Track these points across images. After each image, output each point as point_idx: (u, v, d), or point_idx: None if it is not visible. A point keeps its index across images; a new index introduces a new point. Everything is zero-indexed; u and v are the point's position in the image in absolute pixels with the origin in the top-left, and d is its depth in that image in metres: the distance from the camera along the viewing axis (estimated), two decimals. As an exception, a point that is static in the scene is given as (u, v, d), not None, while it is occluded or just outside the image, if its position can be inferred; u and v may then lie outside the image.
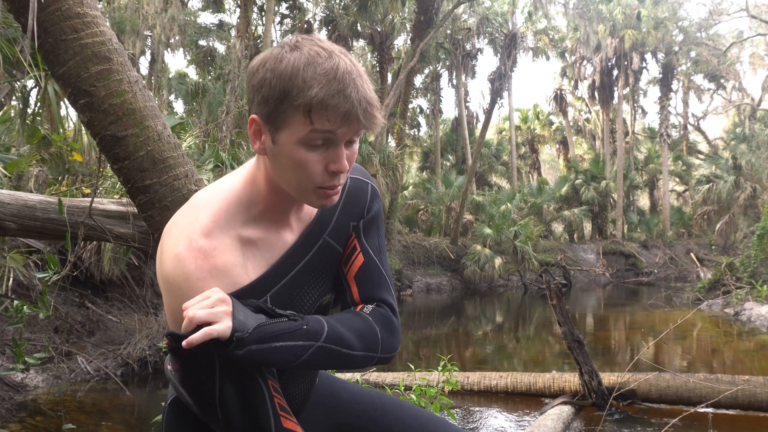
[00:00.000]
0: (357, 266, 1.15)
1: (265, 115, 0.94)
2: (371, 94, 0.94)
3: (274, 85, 0.91)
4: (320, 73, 0.90)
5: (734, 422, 5.38)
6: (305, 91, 0.89)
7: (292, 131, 0.93)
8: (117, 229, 3.50)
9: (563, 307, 5.73)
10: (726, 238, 24.02)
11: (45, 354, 3.73)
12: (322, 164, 0.95)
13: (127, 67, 2.49)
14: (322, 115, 0.90)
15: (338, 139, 0.94)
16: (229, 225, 1.00)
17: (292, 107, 0.91)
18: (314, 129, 0.91)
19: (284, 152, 0.95)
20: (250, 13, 18.01)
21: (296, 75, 0.90)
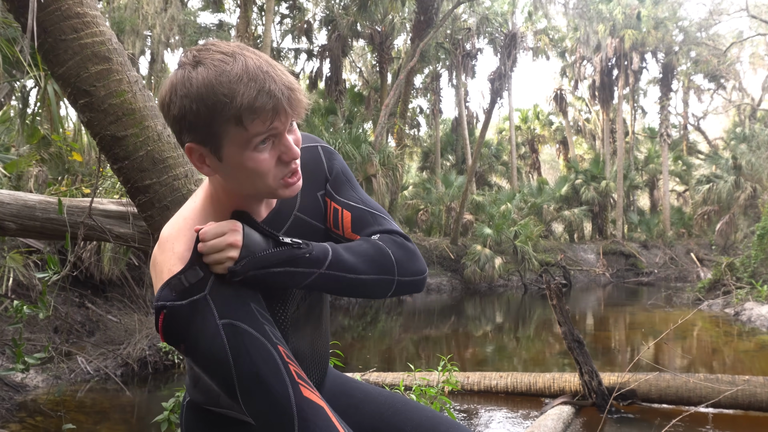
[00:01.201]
0: (348, 221, 1.15)
1: (200, 139, 0.94)
2: (289, 79, 0.94)
3: (196, 110, 0.90)
4: (234, 80, 0.89)
5: (734, 422, 5.38)
6: (229, 104, 0.89)
7: (234, 143, 0.93)
8: (117, 229, 3.49)
9: (563, 307, 5.73)
10: (726, 238, 24.01)
11: (45, 354, 3.73)
12: (274, 159, 0.96)
13: (127, 67, 2.49)
14: (253, 119, 0.90)
15: (279, 132, 0.95)
16: None
17: (223, 122, 0.91)
18: (254, 133, 0.92)
19: (235, 164, 0.95)
20: (250, 13, 18.02)
21: (213, 91, 0.89)
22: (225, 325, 0.93)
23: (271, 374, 0.93)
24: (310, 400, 0.94)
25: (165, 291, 0.95)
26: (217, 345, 0.92)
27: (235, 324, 0.94)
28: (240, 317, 0.94)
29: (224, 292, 0.96)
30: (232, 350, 0.92)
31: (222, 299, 0.95)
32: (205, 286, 0.95)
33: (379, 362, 8.25)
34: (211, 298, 0.94)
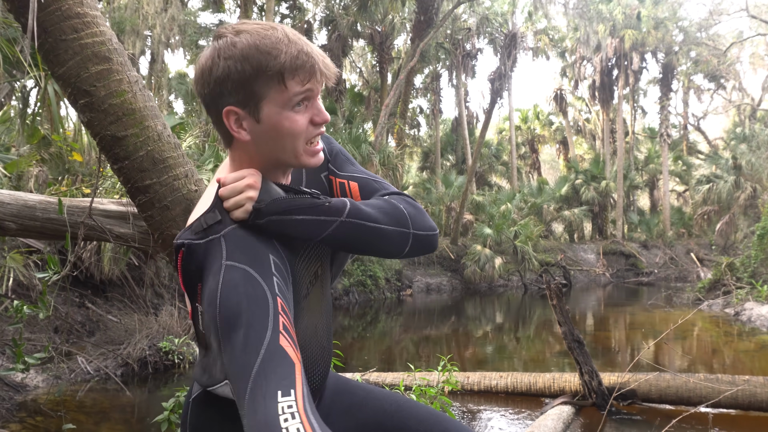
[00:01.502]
0: (356, 190, 1.20)
1: (241, 100, 0.99)
2: (318, 48, 1.02)
3: (240, 69, 0.96)
4: (276, 42, 0.96)
5: (734, 422, 5.38)
6: (273, 60, 0.95)
7: (273, 102, 0.98)
8: (117, 229, 3.49)
9: (563, 307, 5.73)
10: (726, 238, 24.01)
11: (45, 354, 3.73)
12: (306, 121, 1.02)
13: (127, 67, 2.49)
14: (293, 77, 0.97)
15: (314, 95, 1.01)
16: None
17: (266, 80, 0.96)
18: (293, 92, 0.98)
19: (272, 124, 1.00)
20: (250, 13, 18.02)
21: (257, 50, 0.96)
22: (227, 266, 0.95)
23: (257, 315, 0.90)
24: (283, 349, 0.89)
25: (186, 232, 1.01)
26: (213, 284, 0.94)
27: (238, 266, 0.95)
28: (246, 261, 0.95)
29: (240, 237, 0.98)
30: (223, 289, 0.92)
31: (235, 243, 0.97)
32: (222, 229, 0.99)
33: (379, 362, 8.25)
34: (224, 240, 0.97)
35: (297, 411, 0.83)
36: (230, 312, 0.91)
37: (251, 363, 0.86)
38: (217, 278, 0.94)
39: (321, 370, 1.21)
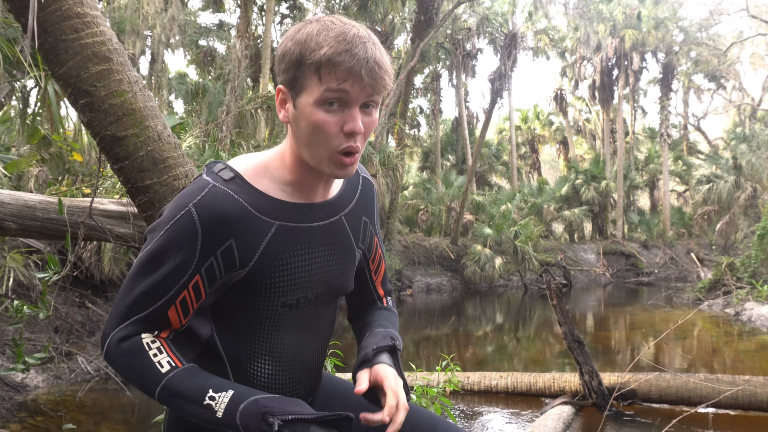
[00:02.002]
0: (381, 273, 1.33)
1: (287, 81, 1.01)
2: (381, 57, 0.99)
3: (292, 51, 0.98)
4: (331, 36, 0.96)
5: (735, 422, 5.38)
6: (316, 51, 0.96)
7: (309, 93, 0.98)
8: (117, 229, 3.49)
9: (563, 307, 5.72)
10: (726, 238, 24.00)
11: (45, 354, 3.73)
12: (338, 126, 0.99)
13: (127, 67, 2.49)
14: (330, 72, 0.96)
15: (351, 100, 0.98)
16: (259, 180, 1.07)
17: (306, 68, 0.97)
18: (326, 88, 0.96)
19: (304, 115, 1.00)
20: (250, 13, 18.01)
21: (311, 39, 0.97)
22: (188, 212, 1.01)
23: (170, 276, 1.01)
24: (167, 317, 1.02)
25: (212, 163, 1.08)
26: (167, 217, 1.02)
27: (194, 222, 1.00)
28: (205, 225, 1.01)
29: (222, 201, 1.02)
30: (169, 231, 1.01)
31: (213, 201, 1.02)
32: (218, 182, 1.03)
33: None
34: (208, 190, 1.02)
35: (162, 346, 1.02)
36: (158, 252, 1.01)
37: (136, 311, 1.01)
38: (176, 212, 1.01)
39: (303, 391, 1.20)
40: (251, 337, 1.10)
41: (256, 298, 1.07)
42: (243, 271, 1.04)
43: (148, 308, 1.01)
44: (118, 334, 1.01)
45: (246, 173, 1.05)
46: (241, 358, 1.11)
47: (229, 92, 13.39)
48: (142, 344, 1.01)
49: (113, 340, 1.01)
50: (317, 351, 1.23)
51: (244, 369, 1.11)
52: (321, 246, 1.12)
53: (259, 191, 1.04)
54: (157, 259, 1.00)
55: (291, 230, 1.07)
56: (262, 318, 1.09)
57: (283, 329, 1.12)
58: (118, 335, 1.01)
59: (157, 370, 0.99)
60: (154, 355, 1.00)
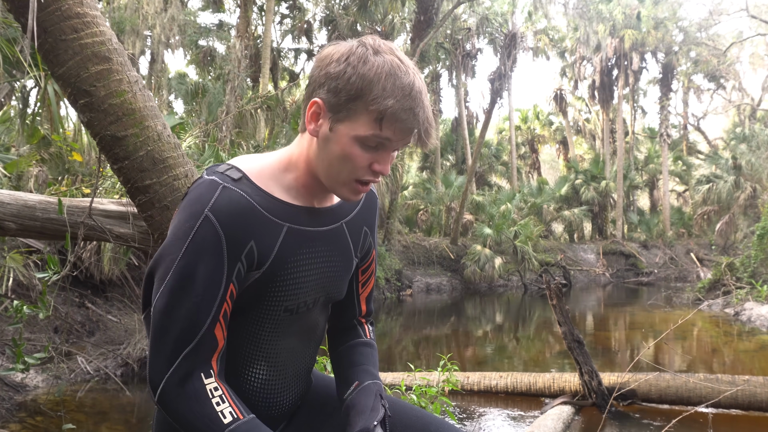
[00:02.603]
0: (369, 289, 1.32)
1: (332, 103, 0.98)
2: (431, 116, 1.01)
3: (353, 82, 0.96)
4: (399, 87, 0.95)
5: (734, 422, 5.38)
6: (382, 99, 0.95)
7: (354, 128, 0.98)
8: (117, 229, 3.49)
9: (563, 307, 5.73)
10: (726, 238, 24.01)
11: (45, 354, 3.73)
12: (368, 162, 1.01)
13: (127, 67, 2.49)
14: (390, 126, 0.97)
15: (391, 146, 1.01)
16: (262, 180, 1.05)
17: (364, 109, 0.96)
18: (378, 135, 0.97)
19: (338, 141, 0.99)
20: (250, 13, 18.01)
21: (377, 81, 0.95)
22: (207, 217, 0.96)
23: (208, 292, 0.97)
24: (215, 336, 0.99)
25: (214, 165, 1.05)
26: (187, 228, 0.97)
27: (216, 228, 0.97)
28: (226, 229, 0.97)
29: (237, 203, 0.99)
30: (193, 242, 0.96)
31: (230, 203, 0.98)
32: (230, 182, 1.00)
33: (379, 362, 8.24)
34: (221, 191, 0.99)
35: (224, 394, 0.98)
36: (188, 272, 0.96)
37: (187, 341, 0.96)
38: (192, 223, 0.96)
39: (291, 397, 1.20)
40: (250, 344, 1.10)
41: (263, 301, 1.06)
42: (258, 272, 1.03)
43: (196, 336, 0.97)
44: (174, 375, 0.96)
45: (251, 173, 1.04)
46: (237, 362, 1.10)
47: (228, 92, 13.39)
48: (206, 390, 0.97)
49: (170, 385, 0.96)
50: (309, 357, 1.23)
51: (238, 373, 1.11)
52: (323, 251, 1.12)
53: (266, 192, 1.04)
54: (188, 280, 0.96)
55: (298, 233, 1.07)
56: (264, 324, 1.09)
57: (281, 335, 1.12)
58: (175, 377, 0.96)
59: (220, 420, 0.96)
60: (217, 404, 0.97)
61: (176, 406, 0.97)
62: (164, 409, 0.98)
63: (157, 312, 0.97)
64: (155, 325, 0.98)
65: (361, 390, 1.16)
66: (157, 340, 0.97)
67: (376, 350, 1.31)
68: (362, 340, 1.30)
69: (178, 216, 0.99)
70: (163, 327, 0.97)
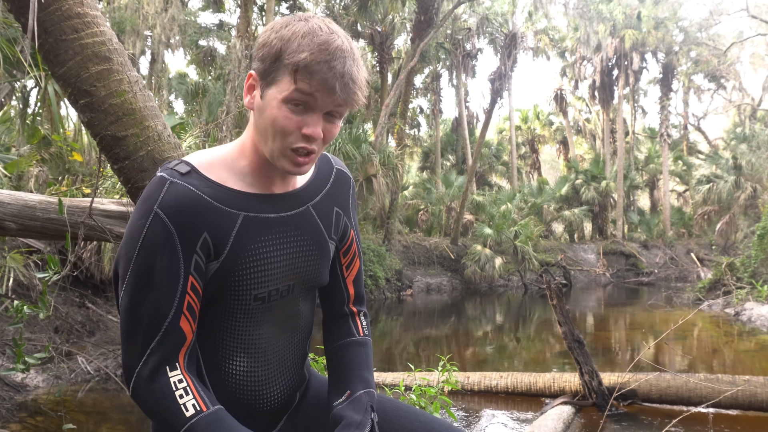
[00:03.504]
0: (355, 271, 1.30)
1: (261, 71, 1.01)
2: (358, 74, 1.00)
3: (273, 45, 0.99)
4: (315, 43, 0.97)
5: (735, 422, 5.38)
6: (296, 53, 0.97)
7: (279, 89, 0.99)
8: (117, 229, 3.49)
9: (563, 307, 5.73)
10: (726, 238, 24.01)
11: (45, 354, 3.73)
12: (298, 126, 1.01)
13: (127, 67, 2.49)
14: (304, 78, 0.97)
15: (317, 106, 1.00)
16: (213, 171, 1.06)
17: (282, 66, 0.98)
18: (296, 89, 0.98)
19: (268, 107, 1.01)
20: (250, 13, 18.01)
21: (294, 39, 0.98)
22: (157, 214, 0.98)
23: (167, 286, 0.99)
24: (181, 329, 1.01)
25: (170, 164, 1.05)
26: (138, 227, 0.99)
27: (166, 224, 0.98)
28: (176, 224, 0.99)
29: (185, 196, 1.00)
30: (144, 241, 0.98)
31: (177, 197, 0.99)
32: (177, 177, 1.01)
33: (379, 362, 8.24)
34: (168, 186, 1.00)
35: (188, 386, 1.00)
36: (144, 267, 0.98)
37: (152, 335, 0.99)
38: (143, 220, 0.98)
39: (279, 390, 1.19)
40: (226, 334, 1.10)
41: (229, 291, 1.06)
42: (217, 263, 1.04)
43: (161, 328, 0.99)
44: (143, 369, 0.98)
45: (201, 166, 1.05)
46: (216, 355, 1.11)
47: (229, 92, 13.39)
48: (170, 384, 0.99)
49: (140, 378, 0.99)
50: (295, 348, 1.21)
51: (218, 366, 1.11)
52: (289, 237, 1.12)
53: (217, 183, 1.04)
54: (146, 275, 0.98)
55: (256, 221, 1.07)
56: (236, 313, 1.09)
57: (257, 324, 1.12)
58: (144, 372, 0.98)
59: (182, 413, 0.97)
60: (180, 396, 0.98)
61: (145, 400, 0.99)
62: (137, 403, 1.00)
63: (122, 310, 1.00)
64: (123, 323, 1.00)
65: (352, 402, 1.14)
66: (125, 337, 1.00)
67: (370, 347, 1.29)
68: (356, 339, 1.27)
69: (132, 215, 1.01)
70: (129, 323, 0.99)
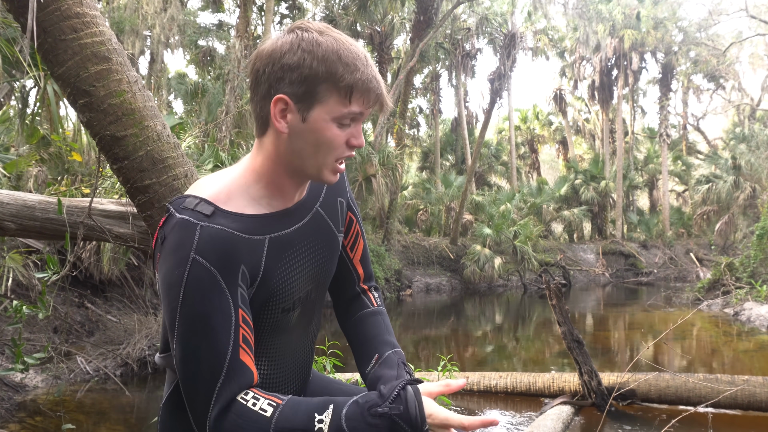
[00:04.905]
0: (360, 250, 1.32)
1: (298, 94, 0.98)
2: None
3: (315, 67, 0.97)
4: (359, 60, 0.99)
5: (734, 422, 5.38)
6: (349, 73, 0.97)
7: (327, 110, 0.99)
8: (116, 229, 3.49)
9: (563, 307, 5.73)
10: (725, 238, 24.02)
11: (44, 354, 3.73)
12: (345, 139, 1.03)
13: (127, 67, 2.49)
14: (361, 96, 0.99)
15: (362, 118, 1.03)
16: (231, 202, 1.04)
17: (334, 88, 0.98)
18: (350, 109, 0.99)
19: (314, 129, 1.00)
20: (249, 13, 18.01)
21: (338, 59, 0.97)
22: (195, 260, 0.95)
23: (220, 325, 0.97)
24: (243, 363, 0.98)
25: (180, 199, 1.02)
26: (177, 274, 0.95)
27: (206, 266, 0.95)
28: (215, 263, 0.96)
29: (217, 236, 0.97)
30: (188, 286, 0.95)
31: (211, 239, 0.96)
32: (204, 220, 0.97)
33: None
34: (200, 231, 0.96)
35: (255, 394, 0.98)
36: (193, 315, 0.95)
37: (216, 377, 0.96)
38: (181, 269, 0.95)
39: (294, 387, 1.22)
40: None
41: (260, 310, 1.07)
42: (252, 288, 1.04)
43: (223, 368, 0.96)
44: (214, 411, 0.95)
45: (220, 200, 1.02)
46: None
47: (228, 92, 13.39)
48: (239, 403, 0.97)
49: (216, 420, 0.96)
50: (308, 347, 1.25)
51: None
52: (307, 246, 1.13)
53: (240, 215, 1.02)
54: (197, 321, 0.96)
55: (278, 240, 1.07)
56: (264, 326, 1.10)
57: (280, 332, 1.13)
58: (215, 412, 0.96)
59: (263, 417, 0.96)
60: (254, 405, 0.97)
61: None
62: None
63: (179, 361, 0.98)
64: (182, 375, 0.98)
65: (383, 362, 1.17)
66: (189, 388, 0.98)
67: (387, 316, 1.31)
68: (370, 309, 1.30)
69: (165, 264, 0.97)
70: (189, 373, 0.97)
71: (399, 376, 1.11)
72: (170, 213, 0.99)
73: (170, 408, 1.15)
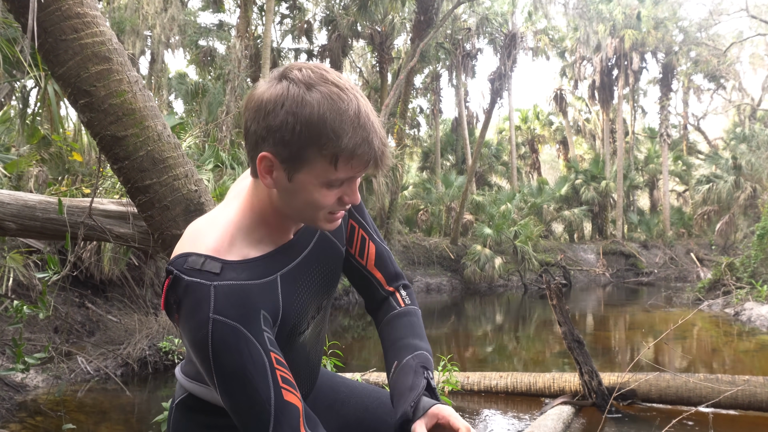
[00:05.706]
0: (373, 255, 1.28)
1: (284, 156, 0.93)
2: (384, 134, 0.97)
3: (298, 131, 0.90)
4: (347, 122, 0.91)
5: (734, 422, 5.38)
6: (334, 141, 0.90)
7: (313, 174, 0.94)
8: (117, 229, 3.49)
9: (563, 307, 5.73)
10: (726, 238, 24.01)
11: (45, 354, 3.73)
12: (336, 198, 0.99)
13: (127, 67, 2.49)
14: (347, 164, 0.93)
15: (355, 178, 0.98)
16: (234, 249, 1.01)
17: (318, 154, 0.92)
18: (337, 175, 0.94)
19: (301, 190, 0.96)
20: (250, 13, 18.02)
21: (323, 124, 0.90)
22: (215, 320, 0.93)
23: (256, 376, 0.96)
24: (289, 403, 0.98)
25: (182, 259, 0.97)
26: (201, 336, 0.93)
27: (228, 323, 0.94)
28: (237, 318, 0.95)
29: (232, 291, 0.95)
30: (215, 346, 0.93)
31: (226, 297, 0.94)
32: (215, 280, 0.95)
33: (379, 362, 8.24)
34: (214, 291, 0.94)
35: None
36: (228, 372, 0.95)
37: (266, 423, 0.96)
38: (204, 330, 0.93)
39: (307, 388, 1.24)
40: None
41: (280, 339, 1.07)
42: (275, 328, 1.04)
43: (270, 415, 0.96)
44: None
45: (223, 251, 0.99)
46: None
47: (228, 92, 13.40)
48: None
49: None
50: (318, 352, 1.27)
51: None
52: (316, 267, 1.13)
53: (248, 261, 1.01)
54: (232, 376, 0.95)
55: (290, 272, 1.07)
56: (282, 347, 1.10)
57: (298, 349, 1.15)
58: None
59: None
60: None
61: None
62: None
63: (229, 412, 0.99)
64: (237, 423, 0.99)
65: (400, 369, 1.15)
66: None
67: (415, 314, 1.28)
68: (396, 311, 1.28)
69: (186, 325, 0.96)
70: (242, 423, 0.98)
71: (413, 386, 1.09)
72: (176, 276, 0.95)
73: (184, 409, 1.16)
